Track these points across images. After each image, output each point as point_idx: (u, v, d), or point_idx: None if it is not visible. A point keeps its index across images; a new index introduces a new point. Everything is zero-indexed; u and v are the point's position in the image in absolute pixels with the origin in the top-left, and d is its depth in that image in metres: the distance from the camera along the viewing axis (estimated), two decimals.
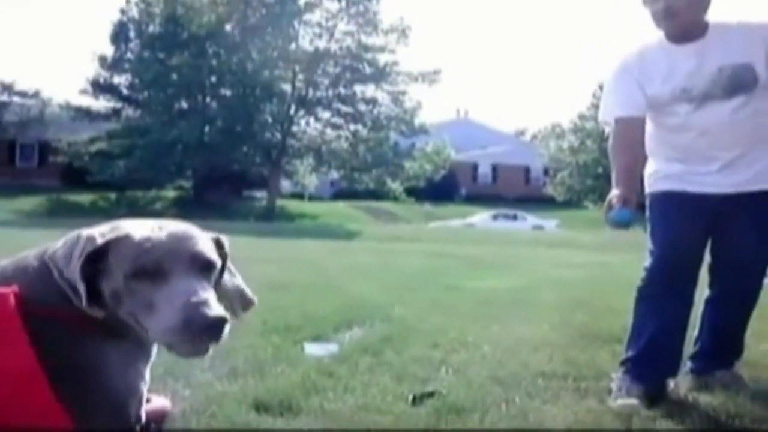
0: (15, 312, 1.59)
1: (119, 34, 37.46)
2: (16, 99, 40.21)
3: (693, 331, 3.38)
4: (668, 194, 3.24)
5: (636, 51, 3.25)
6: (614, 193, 3.07)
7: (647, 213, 3.35)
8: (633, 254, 11.15)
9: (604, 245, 18.35)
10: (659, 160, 3.33)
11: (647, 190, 3.39)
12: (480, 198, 45.87)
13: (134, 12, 37.70)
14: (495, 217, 35.96)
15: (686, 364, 3.37)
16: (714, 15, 3.14)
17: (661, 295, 3.20)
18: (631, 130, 3.19)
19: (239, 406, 2.81)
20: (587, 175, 40.69)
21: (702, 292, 3.35)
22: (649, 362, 3.15)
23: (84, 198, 35.42)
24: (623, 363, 3.26)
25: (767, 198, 3.15)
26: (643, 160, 3.36)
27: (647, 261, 3.26)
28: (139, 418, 1.78)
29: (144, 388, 1.81)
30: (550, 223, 35.17)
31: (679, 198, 3.20)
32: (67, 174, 37.65)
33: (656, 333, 3.18)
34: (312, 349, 4.05)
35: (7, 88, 39.79)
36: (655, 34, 3.26)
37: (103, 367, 1.70)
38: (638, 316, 3.26)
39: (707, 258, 3.31)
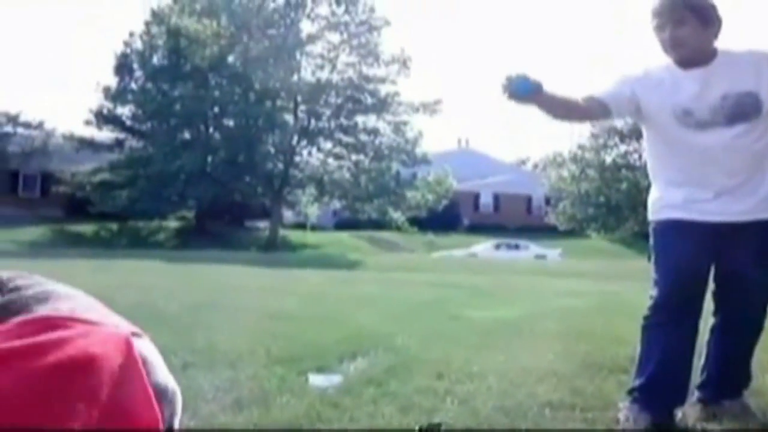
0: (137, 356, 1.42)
1: (123, 66, 37.71)
2: (20, 130, 40.40)
3: (700, 360, 3.37)
4: (671, 222, 3.24)
5: (642, 68, 3.28)
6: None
7: (651, 241, 3.35)
8: (637, 283, 11.13)
9: (607, 274, 18.31)
10: (660, 184, 3.33)
11: (650, 217, 3.39)
12: (482, 227, 45.85)
13: (138, 44, 37.99)
14: (497, 247, 35.94)
15: (694, 394, 3.35)
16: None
17: (667, 324, 3.19)
18: (591, 104, 3.19)
19: None
20: (589, 204, 40.65)
21: (707, 320, 3.34)
22: (657, 391, 3.14)
23: (87, 228, 35.45)
24: (630, 392, 3.24)
25: None
26: (574, 112, 3.34)
27: (652, 290, 3.25)
28: None
29: None
30: (553, 252, 35.12)
31: (682, 226, 3.19)
32: (70, 204, 37.73)
33: (663, 362, 3.16)
34: (316, 380, 4.03)
35: (12, 120, 40.00)
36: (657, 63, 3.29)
37: None
38: (645, 345, 3.25)
39: (711, 285, 3.31)
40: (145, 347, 1.48)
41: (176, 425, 1.51)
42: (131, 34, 38.19)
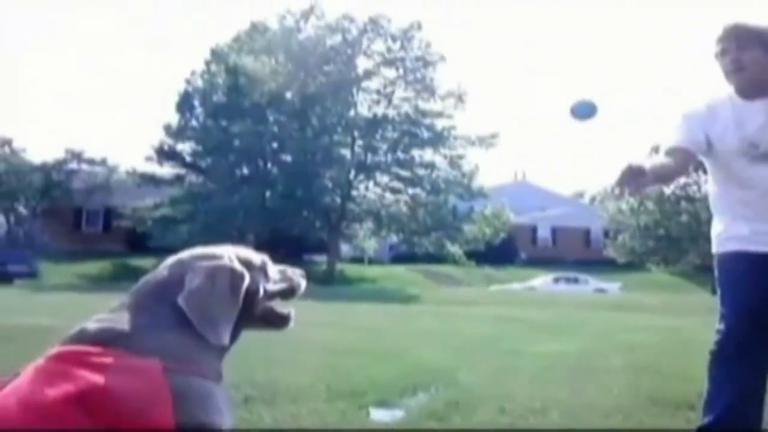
0: (165, 386, 1.47)
1: (184, 104, 38.46)
2: (84, 166, 41.46)
3: None
4: (737, 255, 3.18)
5: (705, 102, 3.25)
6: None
7: (716, 274, 3.29)
8: (699, 317, 10.90)
9: (669, 308, 17.95)
10: (725, 218, 3.28)
11: (714, 250, 3.34)
12: (540, 261, 45.41)
13: (199, 82, 38.76)
14: (556, 281, 35.51)
15: None
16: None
17: (737, 360, 3.11)
18: (676, 159, 3.16)
19: None
20: (648, 236, 40.04)
21: None
22: (728, 429, 3.06)
23: (147, 262, 35.96)
24: (700, 430, 3.16)
25: None
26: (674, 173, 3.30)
27: (719, 324, 3.18)
28: None
29: None
30: (613, 285, 34.56)
31: (748, 259, 3.14)
32: (131, 239, 38.44)
33: (734, 398, 3.09)
34: (378, 414, 4.02)
35: (76, 156, 41.09)
36: (717, 92, 3.25)
37: (225, 418, 1.60)
38: (713, 381, 3.17)
39: None
40: (184, 383, 1.51)
41: None
42: (192, 73, 39.03)
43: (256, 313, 1.76)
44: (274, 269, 1.85)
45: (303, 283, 1.93)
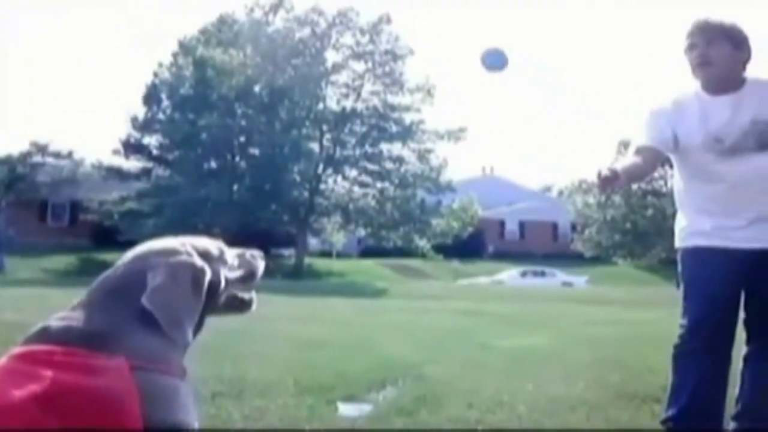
0: (133, 385, 1.46)
1: (151, 96, 38.13)
2: (49, 159, 40.93)
3: (734, 389, 3.33)
4: (700, 250, 3.23)
5: (672, 98, 3.28)
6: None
7: (679, 269, 3.34)
8: (665, 311, 11.01)
9: (635, 301, 18.14)
10: (689, 212, 3.33)
11: (677, 244, 3.38)
12: (508, 255, 45.64)
13: (166, 75, 38.44)
14: (524, 274, 35.72)
15: (729, 424, 3.30)
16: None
17: (700, 353, 3.16)
18: (645, 158, 3.19)
19: None
20: (615, 230, 40.45)
21: (740, 348, 3.30)
22: (691, 421, 3.10)
23: (114, 257, 34.57)
24: (664, 422, 3.21)
25: None
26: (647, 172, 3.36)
27: (682, 318, 3.23)
28: None
29: None
30: (579, 279, 34.82)
31: (710, 253, 3.18)
32: (98, 233, 38.03)
33: (697, 391, 3.13)
34: (346, 409, 4.03)
35: (42, 149, 40.55)
36: (685, 89, 3.29)
37: (192, 414, 1.59)
38: (677, 374, 3.22)
39: (743, 314, 3.28)
40: (151, 381, 1.49)
41: None
42: (159, 65, 38.71)
43: (219, 303, 1.75)
44: (231, 254, 1.84)
45: (262, 265, 1.91)
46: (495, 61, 3.06)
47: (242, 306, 1.86)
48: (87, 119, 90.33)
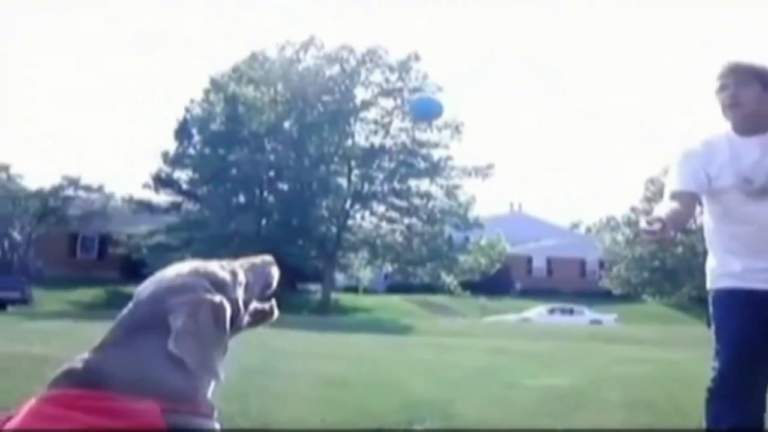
0: (164, 428, 1.43)
1: (182, 132, 38.60)
2: (80, 193, 41.43)
3: None
4: (730, 292, 3.19)
5: (702, 138, 3.28)
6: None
7: (710, 310, 3.30)
8: (696, 350, 10.85)
9: (665, 340, 17.90)
10: (718, 252, 3.30)
11: (709, 286, 3.34)
12: (535, 292, 45.32)
13: (197, 110, 38.93)
14: (551, 311, 35.38)
15: None
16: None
17: (734, 396, 3.11)
18: (685, 203, 3.16)
19: None
20: (644, 268, 40.04)
21: None
22: None
23: None
24: None
25: None
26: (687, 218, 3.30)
27: (715, 361, 3.18)
28: None
29: None
30: (608, 317, 34.43)
31: (742, 295, 3.15)
32: (126, 266, 38.31)
33: None
34: None
35: (73, 183, 41.08)
36: (716, 129, 3.28)
37: None
38: (712, 418, 3.16)
39: None
40: (181, 424, 1.48)
41: None
42: (191, 101, 39.25)
43: (242, 324, 1.75)
44: (243, 270, 1.81)
45: (275, 271, 1.88)
46: (423, 111, 3.00)
47: (265, 317, 1.84)
48: (118, 153, 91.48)
